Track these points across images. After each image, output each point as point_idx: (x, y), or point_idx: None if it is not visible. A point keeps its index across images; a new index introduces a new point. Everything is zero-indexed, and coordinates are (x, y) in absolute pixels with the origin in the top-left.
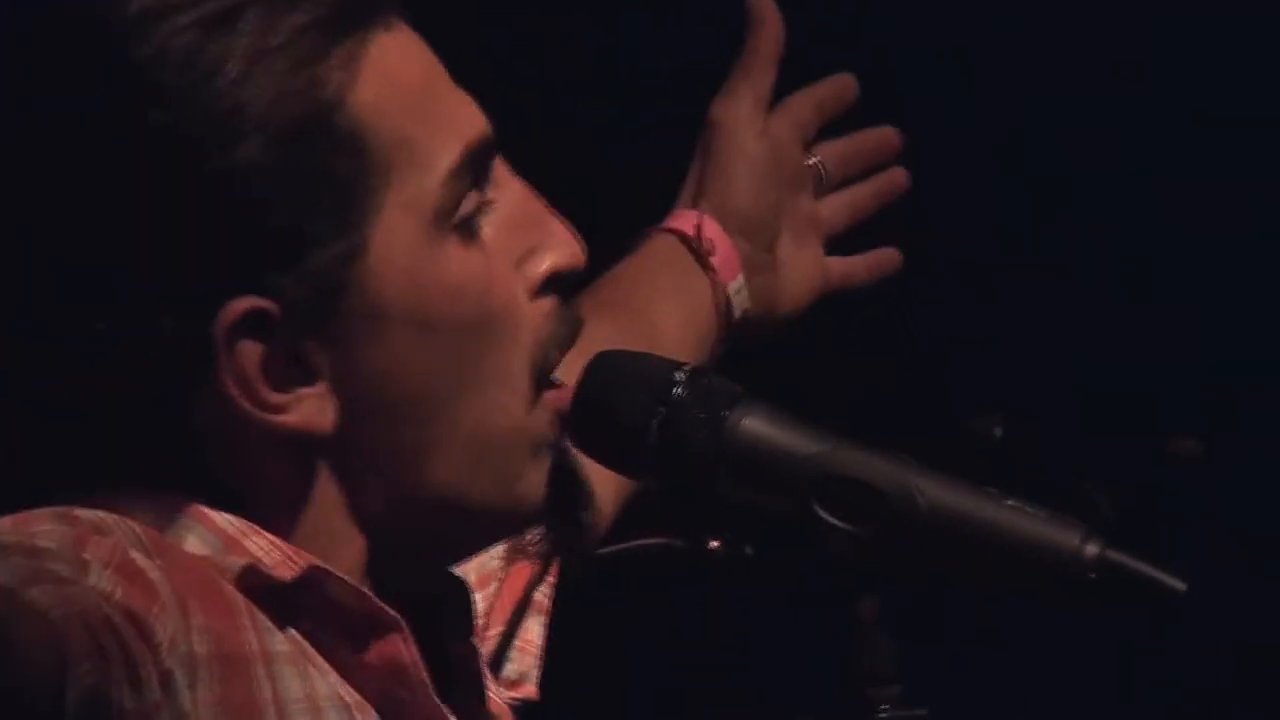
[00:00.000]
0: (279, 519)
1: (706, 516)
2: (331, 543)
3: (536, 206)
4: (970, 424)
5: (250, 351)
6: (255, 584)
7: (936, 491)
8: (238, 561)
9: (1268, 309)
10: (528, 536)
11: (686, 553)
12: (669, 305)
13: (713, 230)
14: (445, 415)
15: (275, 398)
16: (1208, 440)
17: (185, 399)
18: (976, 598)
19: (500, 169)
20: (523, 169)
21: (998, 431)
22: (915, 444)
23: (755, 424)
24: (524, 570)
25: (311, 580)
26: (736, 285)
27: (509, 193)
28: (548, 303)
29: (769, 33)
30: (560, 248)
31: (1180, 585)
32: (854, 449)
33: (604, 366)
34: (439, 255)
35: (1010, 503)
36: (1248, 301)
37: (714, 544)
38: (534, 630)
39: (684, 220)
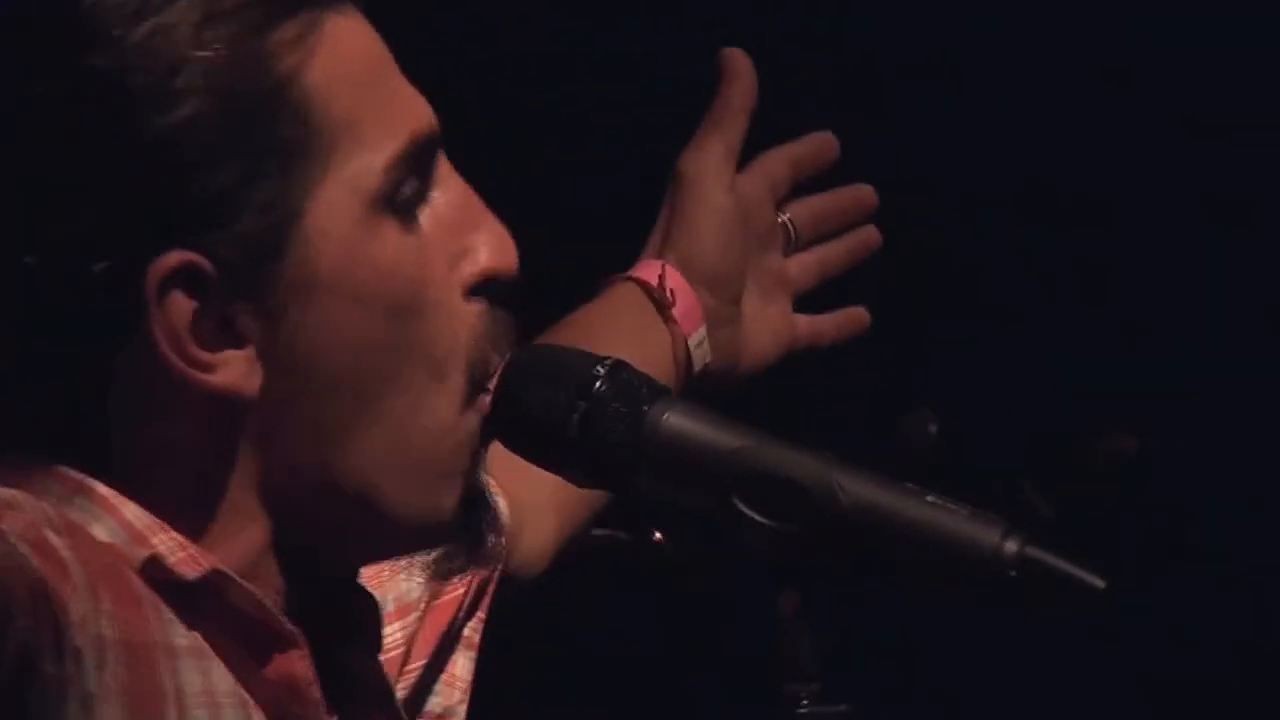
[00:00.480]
0: (186, 490)
1: (652, 510)
2: (236, 519)
3: (476, 206)
4: (906, 420)
5: (182, 306)
6: (158, 577)
7: (858, 487)
8: (142, 552)
9: (1205, 308)
10: (446, 561)
11: (633, 546)
12: (627, 352)
13: (676, 281)
14: (371, 400)
15: (203, 356)
16: (1144, 438)
17: (109, 350)
18: (898, 593)
19: (443, 166)
20: (472, 164)
21: (932, 428)
22: (850, 440)
23: (676, 419)
24: (449, 605)
25: (214, 583)
26: (698, 338)
27: (449, 190)
28: (479, 304)
29: (741, 86)
30: (495, 249)
31: (1100, 582)
32: (775, 444)
33: (526, 359)
34: (375, 236)
35: (931, 499)
36: (1186, 300)
37: (659, 537)
38: (462, 665)
39: (647, 270)
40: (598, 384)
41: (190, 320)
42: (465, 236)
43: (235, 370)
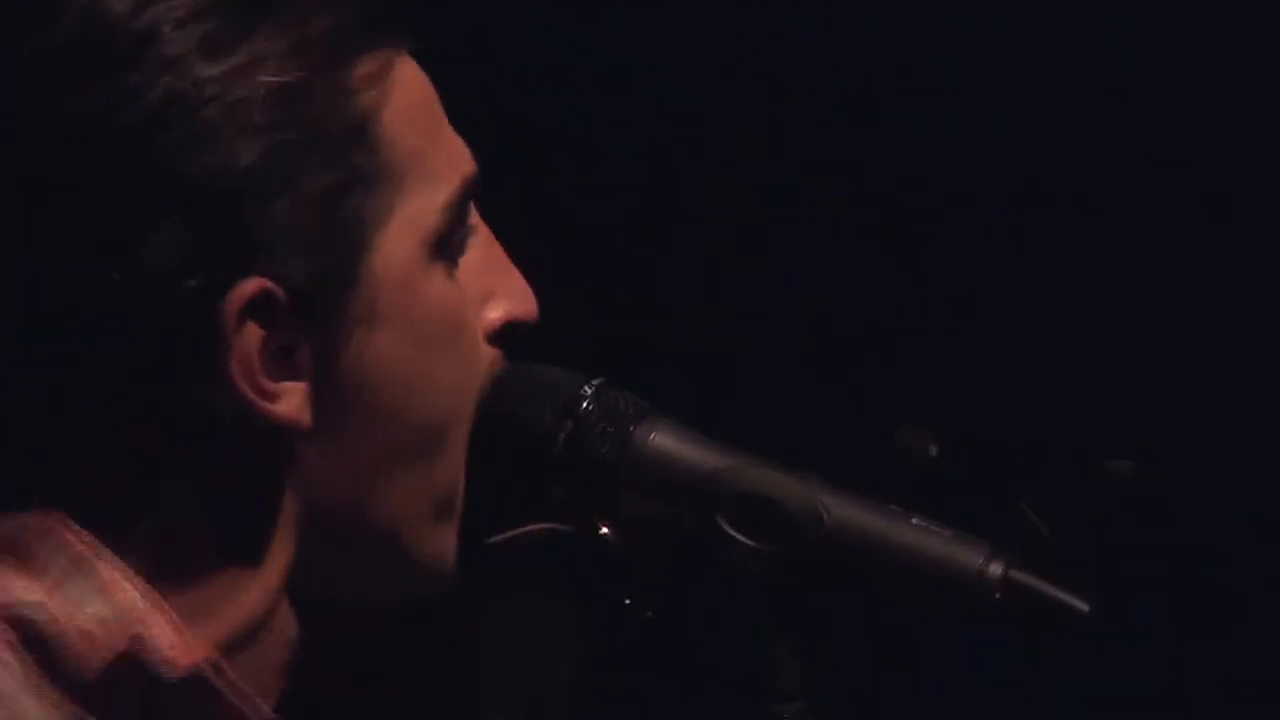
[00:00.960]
0: (217, 526)
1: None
2: (262, 556)
3: (500, 254)
4: (906, 440)
5: (254, 335)
6: (132, 677)
7: (842, 509)
8: (121, 645)
9: (1207, 328)
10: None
11: (577, 540)
12: None
13: None
14: (407, 439)
15: (269, 385)
16: (1141, 461)
17: (180, 377)
18: (880, 614)
19: (473, 213)
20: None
21: (933, 449)
22: (851, 460)
23: (662, 439)
24: None
25: (202, 677)
26: None
27: (478, 237)
28: (496, 352)
29: None
30: (518, 298)
31: (1084, 606)
32: (760, 465)
33: (510, 378)
34: (428, 277)
35: (916, 521)
36: (1187, 319)
37: (605, 530)
38: None
39: None
40: (584, 403)
41: (259, 348)
42: (490, 283)
43: (295, 401)
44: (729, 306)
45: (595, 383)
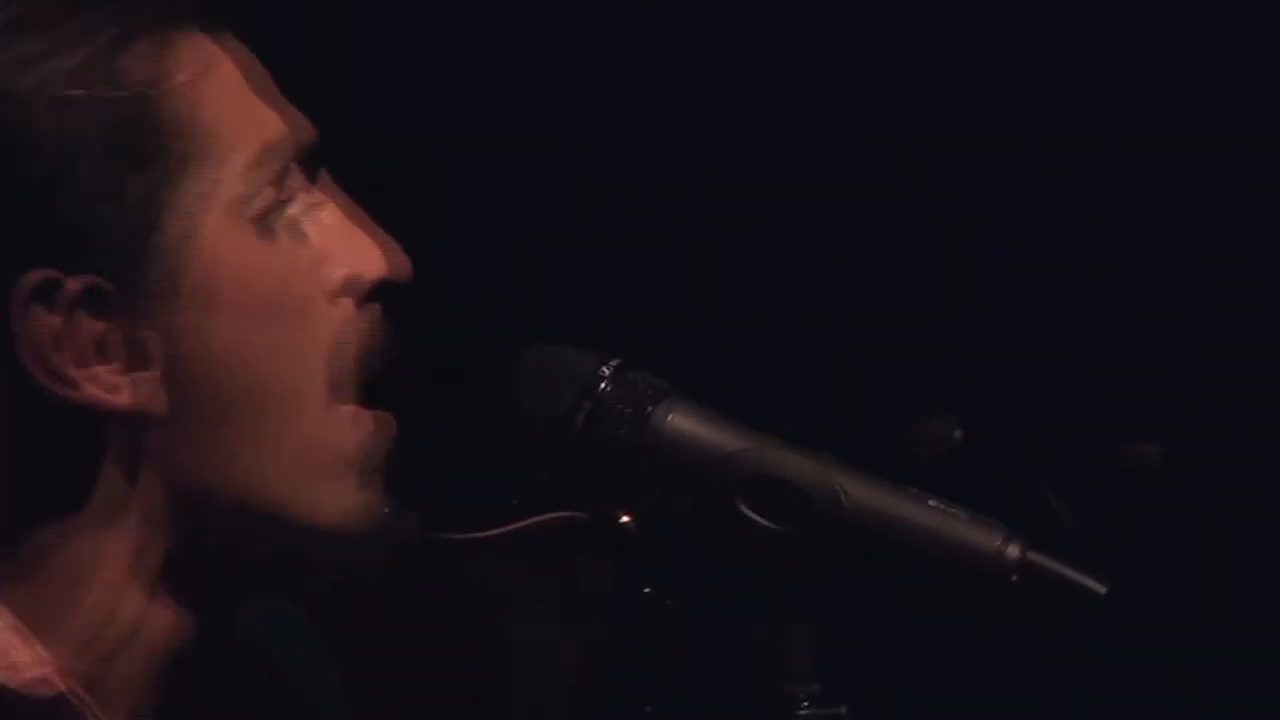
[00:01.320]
0: (86, 518)
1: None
2: (137, 532)
3: (352, 219)
4: (930, 426)
5: (89, 328)
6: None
7: (860, 491)
8: None
9: (1231, 314)
10: None
11: (594, 528)
12: None
13: None
14: (249, 407)
15: (78, 373)
16: (1167, 446)
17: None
18: (898, 594)
19: (325, 181)
20: None
21: (957, 434)
22: (875, 445)
23: (680, 420)
24: None
25: (67, 700)
26: None
27: (328, 205)
28: (347, 305)
29: None
30: (360, 256)
31: (1101, 588)
32: (778, 447)
33: (529, 359)
34: (241, 247)
35: (934, 503)
36: (1209, 306)
37: (625, 519)
38: None
39: None
40: (603, 385)
41: (94, 339)
42: (330, 246)
43: (145, 390)
44: (729, 305)
45: (614, 363)
